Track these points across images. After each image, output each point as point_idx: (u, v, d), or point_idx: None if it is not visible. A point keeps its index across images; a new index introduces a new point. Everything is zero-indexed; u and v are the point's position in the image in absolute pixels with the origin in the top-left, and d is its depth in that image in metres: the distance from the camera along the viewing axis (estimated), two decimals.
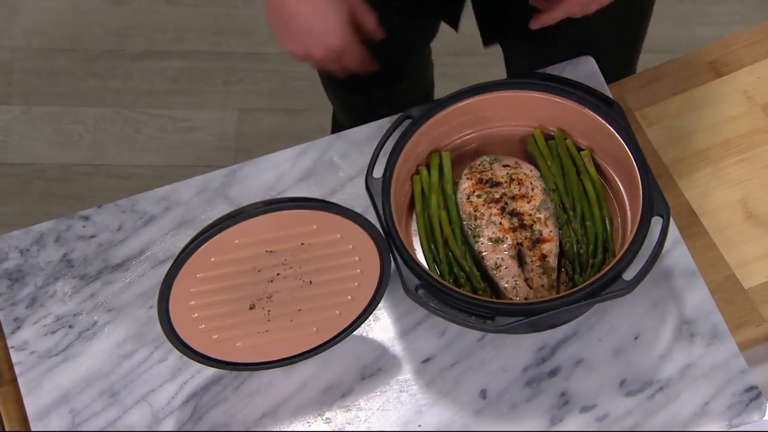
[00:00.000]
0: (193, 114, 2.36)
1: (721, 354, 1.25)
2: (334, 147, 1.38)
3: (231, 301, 1.19)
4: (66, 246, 1.33)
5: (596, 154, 1.31)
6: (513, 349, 1.27)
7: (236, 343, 1.22)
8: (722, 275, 1.30)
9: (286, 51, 1.34)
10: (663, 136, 1.38)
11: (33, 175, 2.30)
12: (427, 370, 1.26)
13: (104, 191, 2.26)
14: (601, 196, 1.28)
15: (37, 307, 1.30)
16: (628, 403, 1.24)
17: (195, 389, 1.26)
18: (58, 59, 2.41)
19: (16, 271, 1.32)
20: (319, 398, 1.25)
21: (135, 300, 1.30)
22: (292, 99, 2.36)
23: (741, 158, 1.36)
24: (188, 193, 1.36)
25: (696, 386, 1.24)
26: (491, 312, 1.18)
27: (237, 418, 1.25)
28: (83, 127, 2.35)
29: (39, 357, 1.28)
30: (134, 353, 1.28)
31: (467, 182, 1.29)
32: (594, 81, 1.38)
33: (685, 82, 1.40)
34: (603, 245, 1.26)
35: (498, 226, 1.26)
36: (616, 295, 1.19)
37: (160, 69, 2.40)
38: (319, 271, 1.20)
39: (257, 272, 1.18)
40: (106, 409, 1.25)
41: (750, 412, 1.23)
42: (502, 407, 1.24)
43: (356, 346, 1.27)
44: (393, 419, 1.24)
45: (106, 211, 1.35)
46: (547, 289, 1.25)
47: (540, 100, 1.30)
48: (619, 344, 1.26)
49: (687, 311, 1.27)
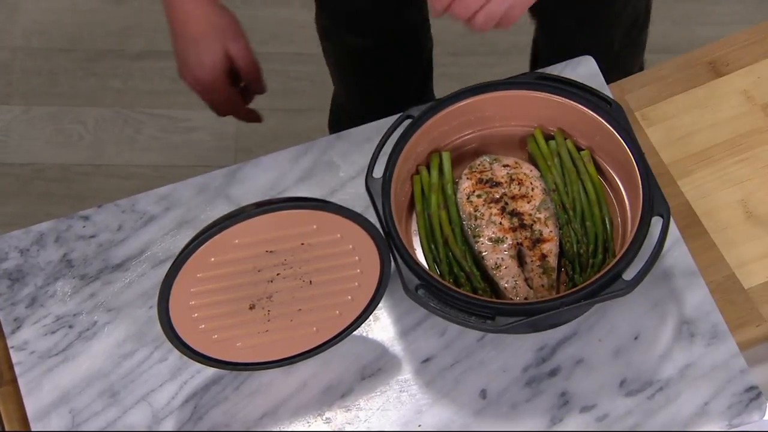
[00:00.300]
0: (193, 114, 2.36)
1: (721, 354, 1.25)
2: (334, 147, 1.38)
3: (231, 301, 1.19)
4: (66, 246, 1.33)
5: (596, 154, 1.31)
6: (513, 349, 1.27)
7: (236, 343, 1.22)
8: (722, 275, 1.30)
9: (286, 50, 1.35)
10: (663, 136, 1.38)
11: (33, 175, 2.30)
12: (427, 370, 1.26)
13: (104, 191, 2.26)
14: (601, 196, 1.28)
15: (37, 307, 1.30)
16: (628, 403, 1.24)
17: (195, 389, 1.26)
18: (58, 59, 2.41)
19: (16, 271, 1.32)
20: (319, 398, 1.25)
21: (135, 300, 1.30)
22: (292, 99, 2.36)
23: (741, 158, 1.36)
24: (188, 193, 1.36)
25: (696, 386, 1.24)
26: (491, 312, 1.18)
27: (237, 418, 1.25)
28: (83, 127, 2.35)
29: (39, 357, 1.27)
30: (134, 353, 1.28)
31: (467, 182, 1.29)
32: (594, 81, 1.38)
33: (685, 82, 1.40)
34: (603, 245, 1.26)
35: (498, 226, 1.26)
36: (616, 295, 1.19)
37: (160, 69, 2.40)
38: (319, 271, 1.20)
39: (257, 272, 1.18)
40: (106, 409, 1.25)
41: (750, 412, 1.23)
42: (502, 407, 1.24)
43: (356, 346, 1.27)
44: (393, 419, 1.24)
45: (106, 211, 1.35)
46: (547, 289, 1.25)
47: (540, 100, 1.30)
48: (619, 344, 1.26)
49: (687, 311, 1.27)
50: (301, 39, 2.39)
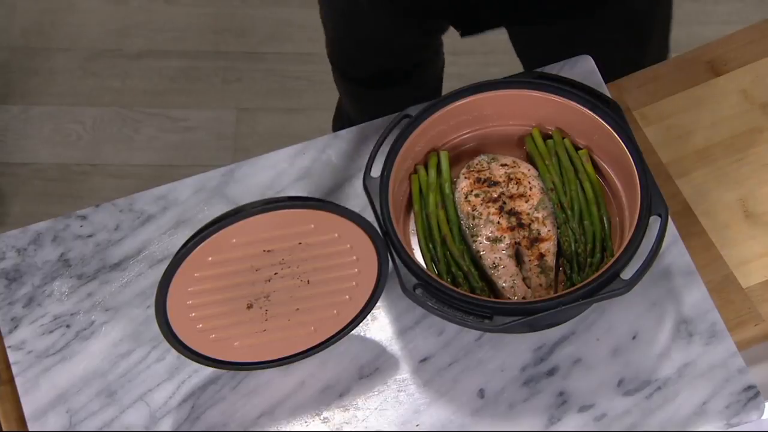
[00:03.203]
0: (191, 114, 2.36)
1: (720, 353, 1.25)
2: (332, 146, 1.38)
3: (228, 301, 1.19)
4: (63, 245, 1.33)
5: (594, 154, 1.31)
6: (511, 349, 1.27)
7: (234, 343, 1.22)
8: (720, 274, 1.30)
9: (284, 50, 1.35)
10: (661, 135, 1.38)
11: (31, 174, 2.30)
12: (424, 369, 1.26)
13: (102, 191, 2.26)
14: (599, 195, 1.28)
15: (35, 307, 1.30)
16: (626, 402, 1.23)
17: (192, 389, 1.26)
18: (57, 59, 2.41)
19: (14, 271, 1.32)
20: (316, 398, 1.25)
21: (132, 299, 1.30)
22: (290, 98, 2.36)
23: (739, 157, 1.36)
24: (186, 192, 1.36)
25: (694, 385, 1.24)
26: (489, 311, 1.18)
27: (234, 417, 1.25)
28: (81, 127, 2.34)
29: (36, 357, 1.27)
30: (132, 353, 1.27)
31: (465, 181, 1.29)
32: (592, 80, 1.38)
33: (683, 81, 1.40)
34: (601, 244, 1.26)
35: (496, 226, 1.26)
36: (614, 294, 1.19)
37: (158, 68, 2.40)
38: (316, 270, 1.20)
39: (255, 272, 1.18)
40: (103, 408, 1.25)
41: (748, 412, 1.23)
42: (500, 407, 1.24)
43: (354, 345, 1.27)
44: (391, 419, 1.24)
45: (104, 211, 1.35)
46: (545, 288, 1.25)
47: (538, 99, 1.30)
48: (617, 343, 1.26)
49: (685, 310, 1.27)
50: (299, 39, 2.39)
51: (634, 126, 1.37)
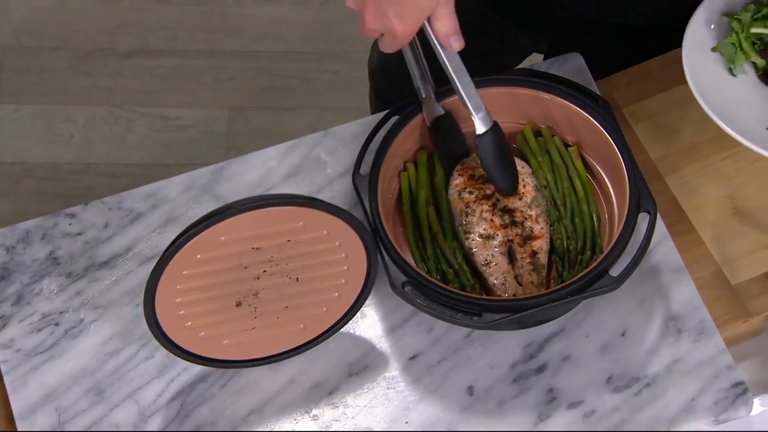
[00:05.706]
0: (183, 112, 2.36)
1: (708, 350, 1.25)
2: (322, 144, 1.38)
3: (217, 299, 1.19)
4: (52, 243, 1.33)
5: (584, 151, 1.31)
6: (500, 346, 1.27)
7: (223, 341, 1.22)
8: (709, 271, 1.30)
9: (276, 49, 1.34)
10: (650, 132, 1.38)
11: (23, 173, 2.30)
12: (414, 366, 1.26)
13: (94, 190, 2.26)
14: (589, 192, 1.28)
15: (23, 305, 1.30)
16: (615, 399, 1.23)
17: (182, 387, 1.26)
18: (48, 57, 2.41)
19: (2, 269, 1.32)
20: (306, 395, 1.25)
21: (121, 297, 1.30)
22: (282, 97, 2.36)
23: (728, 154, 1.36)
24: (175, 190, 1.36)
25: (683, 382, 1.24)
26: (478, 308, 1.18)
27: (224, 415, 1.24)
28: (73, 126, 2.34)
29: (25, 355, 1.27)
30: (120, 351, 1.27)
31: (459, 178, 1.29)
32: (581, 77, 1.38)
33: (672, 79, 1.40)
34: (591, 242, 1.26)
35: (489, 223, 1.26)
36: (602, 291, 1.19)
37: (150, 67, 2.40)
38: (305, 268, 1.20)
39: (244, 269, 1.18)
40: (92, 407, 1.25)
41: (736, 408, 1.23)
42: (489, 404, 1.24)
43: (343, 343, 1.27)
44: (380, 416, 1.24)
45: (93, 209, 1.35)
46: (537, 285, 1.25)
47: (527, 96, 1.30)
48: (607, 340, 1.26)
49: (674, 307, 1.27)
50: (290, 37, 2.39)
51: (623, 123, 1.37)
